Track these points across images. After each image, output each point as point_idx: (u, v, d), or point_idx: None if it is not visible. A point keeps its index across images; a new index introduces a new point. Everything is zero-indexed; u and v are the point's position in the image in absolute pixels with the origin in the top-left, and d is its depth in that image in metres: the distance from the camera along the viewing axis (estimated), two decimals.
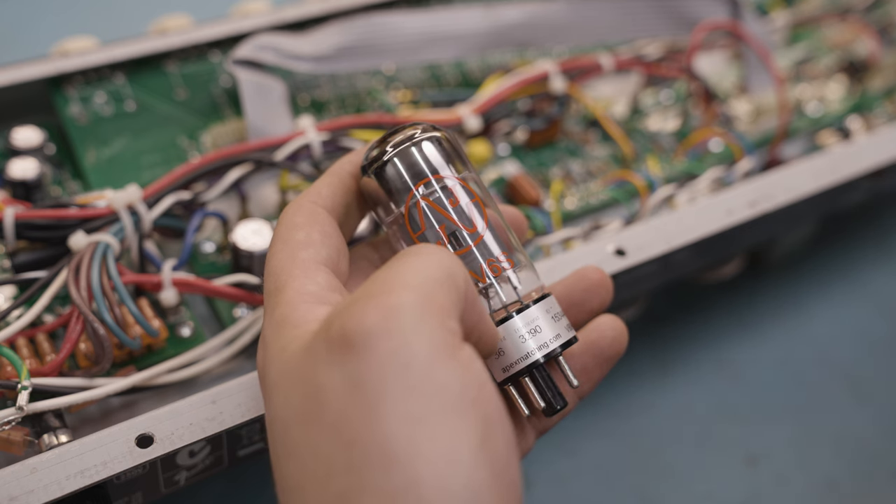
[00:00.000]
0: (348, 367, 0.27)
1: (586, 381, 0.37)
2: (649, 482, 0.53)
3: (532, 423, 0.37)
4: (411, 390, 0.27)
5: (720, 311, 0.62)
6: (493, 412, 0.28)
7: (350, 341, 0.27)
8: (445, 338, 0.28)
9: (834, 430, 0.57)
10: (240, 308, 0.45)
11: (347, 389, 0.27)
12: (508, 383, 0.34)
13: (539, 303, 0.34)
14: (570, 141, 0.58)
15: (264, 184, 0.49)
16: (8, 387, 0.37)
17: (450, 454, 0.26)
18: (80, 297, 0.38)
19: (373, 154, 0.35)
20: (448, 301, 0.29)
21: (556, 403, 0.34)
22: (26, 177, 0.47)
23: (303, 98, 0.56)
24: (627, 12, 0.60)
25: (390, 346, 0.27)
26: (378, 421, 0.26)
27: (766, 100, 0.61)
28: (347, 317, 0.28)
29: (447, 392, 0.27)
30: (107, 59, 0.53)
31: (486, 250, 0.35)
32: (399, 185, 0.35)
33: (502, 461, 0.27)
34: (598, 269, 0.38)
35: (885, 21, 0.70)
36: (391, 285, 0.28)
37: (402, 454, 0.26)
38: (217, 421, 0.37)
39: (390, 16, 0.56)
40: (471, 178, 0.36)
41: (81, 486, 0.34)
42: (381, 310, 0.27)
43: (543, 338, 0.34)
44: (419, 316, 0.28)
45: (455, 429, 0.26)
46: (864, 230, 0.69)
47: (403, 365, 0.27)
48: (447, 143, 0.36)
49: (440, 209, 0.35)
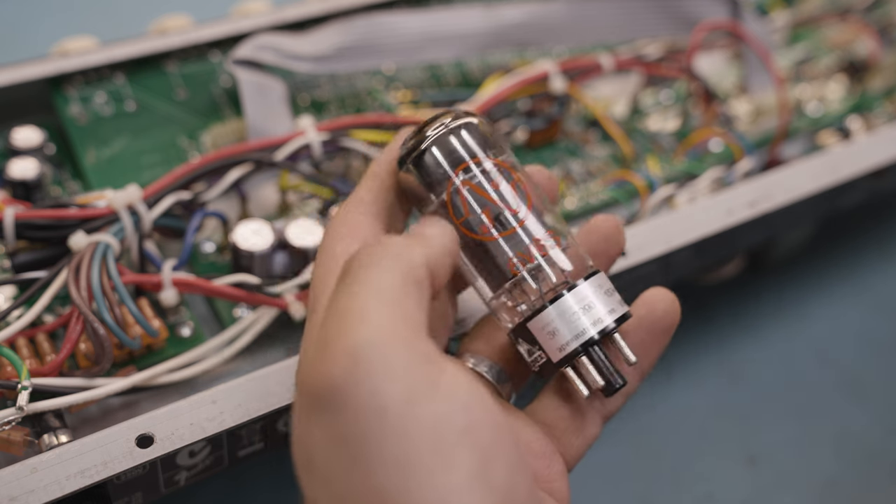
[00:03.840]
0: (325, 423, 0.27)
1: (645, 357, 0.36)
2: (649, 482, 0.53)
3: (596, 408, 0.36)
4: (392, 436, 0.26)
5: (720, 311, 0.62)
6: (488, 435, 0.27)
7: (321, 399, 0.27)
8: (420, 369, 0.27)
9: (834, 430, 0.57)
10: (240, 308, 0.45)
11: (330, 445, 0.26)
12: (565, 364, 0.34)
13: (590, 279, 0.34)
14: (570, 141, 0.58)
15: (264, 184, 0.49)
16: (8, 387, 0.37)
17: (444, 494, 0.25)
18: (80, 297, 0.38)
19: (409, 145, 0.35)
20: (416, 306, 0.28)
21: (615, 382, 0.34)
22: (26, 177, 0.47)
23: (303, 98, 0.56)
24: (627, 12, 0.60)
25: (361, 394, 0.26)
26: (365, 474, 0.26)
27: (766, 100, 0.61)
28: (315, 371, 0.27)
29: (431, 429, 0.26)
30: (107, 59, 0.53)
31: (532, 231, 0.34)
32: (439, 173, 0.34)
33: (505, 485, 0.26)
34: (608, 216, 0.38)
35: (885, 21, 0.70)
36: (349, 319, 0.27)
37: (395, 503, 0.25)
38: (217, 421, 0.37)
39: (390, 16, 0.56)
40: (509, 161, 0.35)
41: (81, 486, 0.34)
42: (344, 356, 0.26)
43: (596, 314, 0.33)
44: (385, 352, 0.26)
45: (446, 465, 0.25)
46: (864, 230, 0.69)
47: (379, 412, 0.26)
48: (483, 127, 0.35)
49: (483, 192, 0.34)
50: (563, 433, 0.36)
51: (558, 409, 0.36)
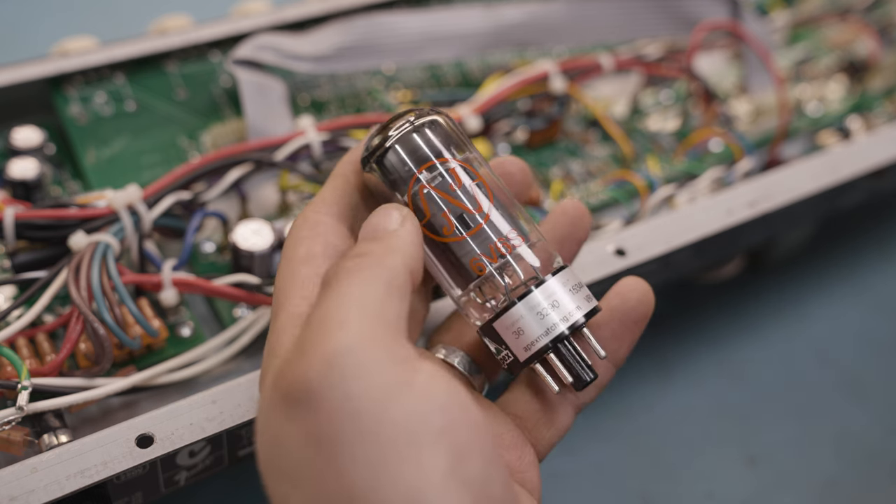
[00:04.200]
0: (300, 422, 0.27)
1: (618, 349, 0.36)
2: (649, 482, 0.53)
3: (568, 400, 0.36)
4: (366, 437, 0.26)
5: (720, 311, 0.62)
6: (464, 435, 0.27)
7: (297, 399, 0.27)
8: (395, 371, 0.27)
9: (834, 430, 0.57)
10: (240, 308, 0.45)
11: (304, 445, 0.27)
12: (533, 362, 0.34)
13: (557, 275, 0.34)
14: (570, 141, 0.58)
15: (264, 184, 0.49)
16: (8, 387, 0.37)
17: (416, 493, 0.25)
18: (80, 297, 0.38)
19: (373, 144, 0.35)
20: (395, 311, 0.28)
21: (585, 376, 0.33)
22: (26, 177, 0.47)
23: (303, 98, 0.56)
24: (627, 12, 0.60)
25: (336, 397, 0.26)
26: (337, 473, 0.26)
27: (766, 100, 0.61)
28: (291, 373, 0.27)
29: (405, 430, 0.26)
30: (107, 59, 0.53)
31: (496, 229, 0.34)
32: (403, 171, 0.34)
33: (480, 480, 0.27)
34: (574, 202, 0.38)
35: (885, 21, 0.70)
36: (328, 326, 0.27)
37: (367, 502, 0.25)
38: (217, 421, 0.37)
39: (390, 16, 0.56)
40: (473, 159, 0.35)
41: (81, 486, 0.34)
42: (320, 360, 0.27)
43: (564, 310, 0.33)
44: (361, 356, 0.27)
45: (418, 464, 0.26)
46: (864, 230, 0.69)
47: (353, 414, 0.26)
48: (445, 125, 0.35)
49: (444, 194, 0.34)
50: (535, 425, 0.36)
51: (529, 403, 0.36)
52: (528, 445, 0.35)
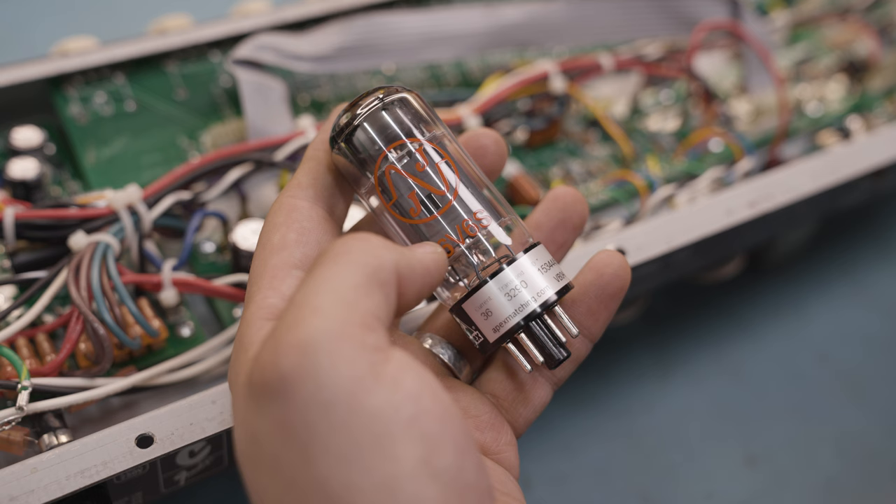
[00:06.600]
0: (274, 413, 0.27)
1: (593, 324, 0.36)
2: (649, 482, 0.53)
3: (545, 376, 0.36)
4: (338, 429, 0.26)
5: (720, 311, 0.62)
6: (435, 424, 0.27)
7: (270, 389, 0.27)
8: (367, 360, 0.27)
9: (834, 430, 0.57)
10: (240, 308, 0.45)
11: (278, 435, 0.27)
12: (504, 342, 0.33)
13: (527, 253, 0.33)
14: (570, 141, 0.58)
15: (264, 184, 0.49)
16: (8, 387, 0.37)
17: (388, 482, 0.26)
18: (80, 297, 0.38)
19: (341, 122, 0.34)
20: (375, 305, 0.28)
21: (557, 354, 0.33)
22: (26, 177, 0.47)
23: (303, 98, 0.56)
24: (627, 12, 0.60)
25: (309, 388, 0.26)
26: (311, 464, 0.26)
27: (766, 100, 0.61)
28: (264, 363, 0.27)
29: (376, 421, 0.26)
30: (107, 59, 0.53)
31: (466, 208, 0.34)
32: (370, 151, 0.34)
33: (453, 469, 0.27)
34: (569, 188, 0.38)
35: (885, 21, 0.70)
36: (303, 312, 0.27)
37: (341, 493, 0.26)
38: (217, 421, 0.37)
39: (390, 16, 0.56)
40: (443, 136, 0.35)
41: (81, 486, 0.34)
42: (294, 349, 0.27)
43: (535, 288, 0.33)
44: (333, 346, 0.27)
45: (389, 455, 0.26)
46: (864, 230, 0.69)
47: (325, 405, 0.26)
48: (415, 102, 0.35)
49: (409, 174, 0.33)
50: (512, 404, 0.36)
51: (504, 382, 0.36)
52: (505, 425, 0.35)
